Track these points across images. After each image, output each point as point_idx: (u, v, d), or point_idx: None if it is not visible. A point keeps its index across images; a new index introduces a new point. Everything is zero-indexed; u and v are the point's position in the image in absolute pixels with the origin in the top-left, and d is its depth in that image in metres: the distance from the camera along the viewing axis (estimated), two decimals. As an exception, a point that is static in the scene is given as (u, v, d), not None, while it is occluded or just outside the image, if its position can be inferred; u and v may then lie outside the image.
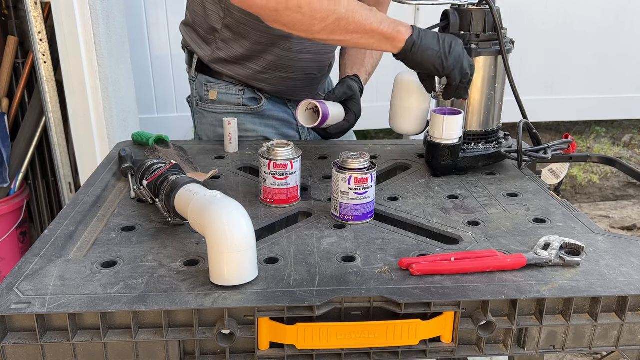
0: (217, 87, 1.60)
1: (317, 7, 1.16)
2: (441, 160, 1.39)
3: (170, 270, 0.96)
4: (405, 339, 0.89)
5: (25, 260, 0.98)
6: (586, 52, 3.91)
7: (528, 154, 1.36)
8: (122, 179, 1.39)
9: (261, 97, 1.61)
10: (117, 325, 0.87)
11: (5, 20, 2.63)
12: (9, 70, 2.62)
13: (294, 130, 1.70)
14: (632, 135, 4.43)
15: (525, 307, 0.92)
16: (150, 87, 3.31)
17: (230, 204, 0.92)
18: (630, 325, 0.93)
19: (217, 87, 1.60)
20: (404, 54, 1.25)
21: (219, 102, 1.60)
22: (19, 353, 0.85)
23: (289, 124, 1.68)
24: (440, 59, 1.24)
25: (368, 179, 1.13)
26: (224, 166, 1.48)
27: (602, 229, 1.13)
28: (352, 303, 0.90)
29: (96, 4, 2.35)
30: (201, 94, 1.63)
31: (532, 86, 3.75)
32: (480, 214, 1.21)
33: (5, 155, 2.60)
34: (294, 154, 1.21)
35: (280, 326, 0.87)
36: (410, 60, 1.26)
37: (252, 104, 1.61)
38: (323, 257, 1.01)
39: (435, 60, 1.24)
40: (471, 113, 1.41)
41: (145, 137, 1.59)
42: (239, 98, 1.59)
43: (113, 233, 1.10)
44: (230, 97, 1.60)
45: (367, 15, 1.21)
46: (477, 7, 1.34)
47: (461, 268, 0.96)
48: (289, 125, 1.68)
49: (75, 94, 2.48)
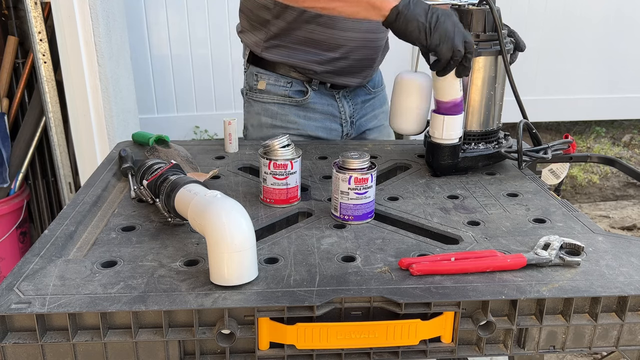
0: (267, 77, 1.64)
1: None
2: (441, 160, 1.39)
3: (170, 270, 0.96)
4: (405, 339, 0.89)
5: (25, 260, 0.98)
6: (586, 52, 3.91)
7: (528, 154, 1.36)
8: (122, 179, 1.39)
9: (308, 89, 1.63)
10: (117, 325, 0.87)
11: (5, 20, 2.63)
12: (9, 70, 2.62)
13: (337, 123, 1.72)
14: (632, 135, 4.43)
15: (525, 307, 0.92)
16: (150, 87, 3.31)
17: (230, 204, 0.92)
18: (630, 325, 0.93)
19: (266, 78, 1.64)
20: (388, 23, 1.24)
21: (267, 92, 1.65)
22: (19, 353, 0.85)
23: (333, 117, 1.70)
24: (424, 32, 1.22)
25: (368, 179, 1.13)
26: (224, 166, 1.48)
27: (602, 229, 1.13)
28: (352, 303, 0.90)
29: (96, 4, 2.35)
30: (251, 83, 1.68)
31: (532, 86, 3.75)
32: (480, 214, 1.21)
33: (5, 155, 2.60)
34: (294, 154, 1.21)
35: (280, 326, 0.87)
36: (396, 30, 1.25)
37: (298, 96, 1.64)
38: (323, 257, 1.01)
39: (419, 34, 1.22)
40: (471, 113, 1.41)
41: (145, 137, 1.59)
42: (286, 90, 1.63)
43: (113, 233, 1.10)
44: (277, 88, 1.64)
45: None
46: (477, 7, 1.34)
47: (461, 268, 0.96)
48: (332, 118, 1.70)
49: (75, 94, 2.48)
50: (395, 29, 1.25)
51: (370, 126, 1.80)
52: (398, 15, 1.22)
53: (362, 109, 1.75)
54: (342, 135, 1.74)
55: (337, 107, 1.69)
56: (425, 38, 1.22)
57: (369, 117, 1.78)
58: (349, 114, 1.72)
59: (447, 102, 1.33)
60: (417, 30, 1.22)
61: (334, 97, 1.68)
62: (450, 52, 1.22)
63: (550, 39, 3.79)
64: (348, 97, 1.71)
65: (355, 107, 1.73)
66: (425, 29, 1.22)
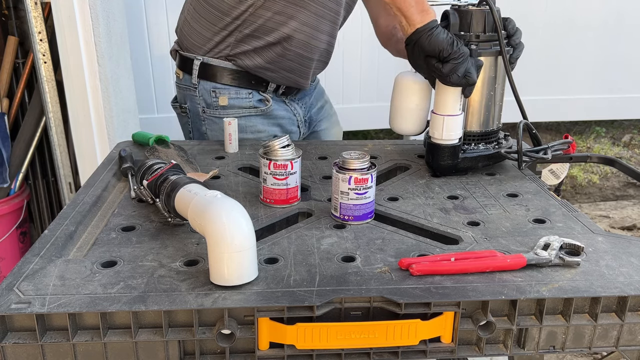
0: (227, 92, 1.60)
1: None
2: (441, 161, 1.39)
3: (170, 270, 0.96)
4: (405, 339, 0.89)
5: (25, 260, 0.98)
6: (586, 52, 3.91)
7: (528, 154, 1.36)
8: (122, 179, 1.39)
9: (268, 98, 1.64)
10: (117, 325, 0.87)
11: (5, 20, 2.63)
12: (9, 70, 2.62)
13: (295, 126, 1.75)
14: (632, 135, 4.43)
15: (525, 307, 0.92)
16: (150, 87, 3.31)
17: (230, 204, 0.92)
18: (630, 326, 0.93)
19: (226, 93, 1.60)
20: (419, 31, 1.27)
21: (230, 107, 1.62)
22: (19, 353, 0.85)
23: (291, 121, 1.73)
24: (452, 44, 1.26)
25: (368, 179, 1.13)
26: (224, 166, 1.48)
27: (602, 229, 1.13)
28: (352, 303, 0.90)
29: (96, 4, 2.35)
30: (208, 101, 1.62)
31: (532, 86, 3.75)
32: (480, 214, 1.21)
33: (5, 155, 2.60)
34: (294, 154, 1.21)
35: (280, 326, 0.88)
36: (425, 38, 1.27)
37: (261, 105, 1.64)
38: (323, 257, 1.01)
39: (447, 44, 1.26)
40: (471, 113, 1.41)
41: (145, 137, 1.59)
42: (250, 101, 1.62)
43: (113, 233, 1.10)
44: (241, 101, 1.61)
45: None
46: (477, 7, 1.34)
47: (461, 268, 0.96)
48: (290, 122, 1.73)
49: (75, 94, 2.47)
50: (425, 38, 1.27)
51: (320, 117, 1.85)
52: (433, 28, 1.26)
53: (311, 105, 1.81)
54: (300, 136, 1.78)
55: (291, 111, 1.72)
56: (452, 46, 1.25)
57: (316, 110, 1.84)
58: (303, 115, 1.76)
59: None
60: (446, 41, 1.25)
61: (284, 102, 1.70)
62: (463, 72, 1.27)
63: (550, 39, 3.79)
64: (296, 99, 1.74)
65: (305, 107, 1.77)
66: (453, 42, 1.26)
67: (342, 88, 3.68)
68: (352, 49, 3.53)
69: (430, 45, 1.26)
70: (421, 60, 1.30)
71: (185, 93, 1.66)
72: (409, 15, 1.27)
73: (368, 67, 3.65)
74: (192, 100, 1.65)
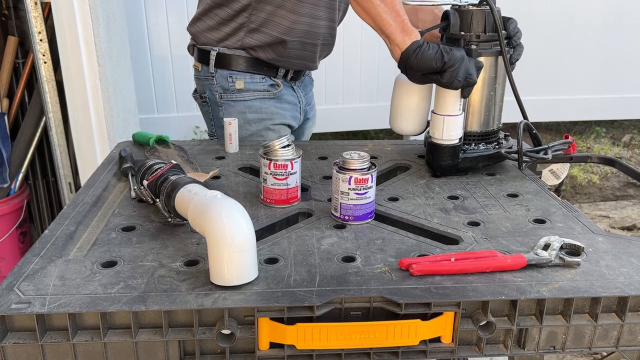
0: (242, 77, 1.70)
1: None
2: (441, 161, 1.39)
3: (170, 270, 0.96)
4: (405, 339, 0.89)
5: (26, 260, 0.98)
6: (586, 52, 3.91)
7: (528, 154, 1.36)
8: (123, 179, 1.39)
9: (279, 83, 1.74)
10: (117, 325, 0.87)
11: (5, 20, 2.63)
12: (9, 70, 2.62)
13: (298, 112, 1.84)
14: (632, 135, 4.43)
15: (525, 307, 0.92)
16: (150, 87, 3.31)
17: (230, 204, 0.92)
18: (630, 326, 0.93)
19: (242, 78, 1.70)
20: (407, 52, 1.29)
21: (246, 90, 1.71)
22: (19, 353, 0.85)
23: (295, 106, 1.82)
24: (441, 55, 1.27)
25: (368, 179, 1.13)
26: (224, 166, 1.48)
27: (602, 229, 1.13)
28: (352, 303, 0.90)
29: (96, 4, 2.35)
30: (225, 86, 1.71)
31: (532, 86, 3.75)
32: (480, 214, 1.21)
33: (5, 155, 2.60)
34: (295, 154, 1.21)
35: (280, 326, 0.87)
36: (414, 59, 1.29)
37: (273, 89, 1.74)
38: (323, 257, 1.01)
39: (436, 58, 1.27)
40: (471, 113, 1.41)
41: (145, 137, 1.59)
42: (263, 85, 1.72)
43: (113, 233, 1.10)
44: (256, 85, 1.71)
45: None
46: (477, 7, 1.34)
47: (461, 268, 0.96)
48: (295, 107, 1.83)
49: (75, 94, 2.48)
50: (413, 59, 1.28)
51: (308, 108, 1.93)
52: (418, 48, 1.27)
53: (307, 96, 1.89)
54: (299, 123, 1.87)
55: (297, 97, 1.81)
56: (442, 59, 1.26)
57: (308, 101, 1.92)
58: (304, 102, 1.86)
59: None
60: (435, 57, 1.26)
61: (292, 88, 1.80)
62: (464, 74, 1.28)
63: (550, 39, 3.79)
64: (300, 87, 1.83)
65: (305, 96, 1.87)
66: (442, 54, 1.26)
67: (342, 88, 3.68)
68: (353, 49, 3.54)
69: (420, 65, 1.28)
70: (418, 78, 1.33)
71: (204, 83, 1.76)
72: (389, 33, 1.30)
73: (368, 67, 3.65)
74: (211, 88, 1.74)
